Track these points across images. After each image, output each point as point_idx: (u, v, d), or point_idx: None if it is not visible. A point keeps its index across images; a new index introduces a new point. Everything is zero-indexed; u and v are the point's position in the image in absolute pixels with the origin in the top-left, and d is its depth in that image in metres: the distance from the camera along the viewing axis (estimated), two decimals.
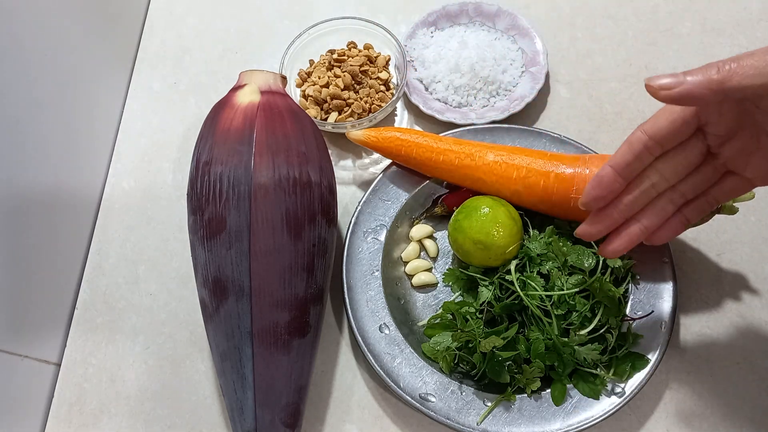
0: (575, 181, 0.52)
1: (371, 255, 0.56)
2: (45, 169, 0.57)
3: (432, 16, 0.68)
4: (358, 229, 0.57)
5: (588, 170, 0.52)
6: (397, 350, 0.53)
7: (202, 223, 0.49)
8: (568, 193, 0.52)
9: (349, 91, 0.63)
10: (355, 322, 0.53)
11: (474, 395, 0.51)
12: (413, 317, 0.56)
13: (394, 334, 0.53)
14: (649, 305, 0.52)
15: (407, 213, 0.59)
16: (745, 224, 0.58)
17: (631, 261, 0.53)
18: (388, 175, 0.59)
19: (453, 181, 0.57)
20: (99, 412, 0.56)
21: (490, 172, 0.55)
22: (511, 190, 0.54)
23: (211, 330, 0.50)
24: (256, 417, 0.48)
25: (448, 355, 0.51)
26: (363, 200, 0.58)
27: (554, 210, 0.54)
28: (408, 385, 0.51)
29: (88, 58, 0.64)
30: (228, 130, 0.50)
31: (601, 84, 0.66)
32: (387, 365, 0.52)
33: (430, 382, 0.51)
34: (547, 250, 0.52)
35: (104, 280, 0.61)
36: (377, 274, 0.56)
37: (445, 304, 0.54)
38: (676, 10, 0.69)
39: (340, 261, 0.56)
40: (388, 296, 0.55)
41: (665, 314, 0.52)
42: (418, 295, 0.58)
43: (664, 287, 0.53)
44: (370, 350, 0.52)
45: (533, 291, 0.50)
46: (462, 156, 0.56)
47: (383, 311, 0.54)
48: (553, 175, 0.53)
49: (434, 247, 0.59)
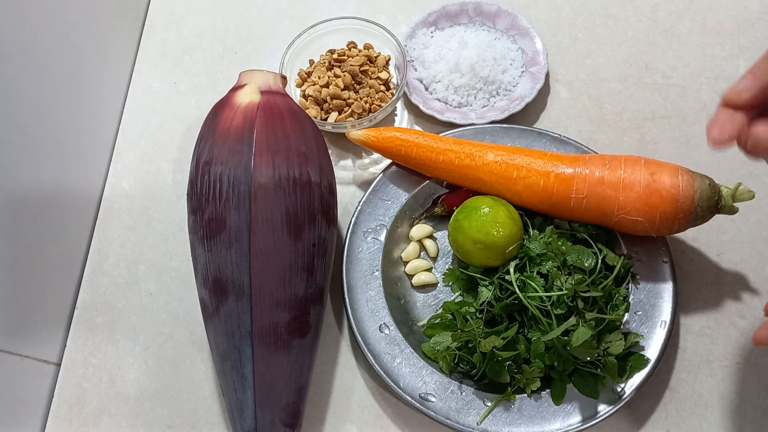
0: (575, 181, 0.52)
1: (371, 255, 0.56)
2: (45, 169, 0.57)
3: (432, 16, 0.68)
4: (358, 229, 0.57)
5: (588, 170, 0.52)
6: (397, 350, 0.53)
7: (202, 223, 0.49)
8: (568, 193, 0.52)
9: (349, 91, 0.63)
10: (355, 322, 0.53)
11: (474, 395, 0.51)
12: (413, 317, 0.56)
13: (394, 333, 0.53)
14: (649, 305, 0.52)
15: (407, 213, 0.59)
16: (745, 224, 0.58)
17: (631, 261, 0.53)
18: (388, 175, 0.59)
19: (453, 181, 0.57)
20: (99, 412, 0.56)
21: (490, 172, 0.55)
22: (512, 191, 0.54)
23: (211, 330, 0.50)
24: (256, 417, 0.48)
25: (448, 355, 0.51)
26: (363, 200, 0.58)
27: (554, 210, 0.54)
28: (408, 385, 0.51)
29: (88, 58, 0.64)
30: (228, 130, 0.50)
31: (601, 84, 0.66)
32: (387, 365, 0.52)
33: (430, 382, 0.51)
34: (546, 250, 0.52)
35: (104, 280, 0.61)
36: (377, 274, 0.56)
37: (445, 304, 0.54)
38: (676, 10, 0.69)
39: (340, 261, 0.56)
40: (388, 296, 0.55)
41: (665, 314, 0.52)
42: (418, 295, 0.58)
43: (664, 287, 0.53)
44: (370, 350, 0.52)
45: (533, 292, 0.50)
46: (462, 156, 0.55)
47: (383, 311, 0.54)
48: (553, 175, 0.53)
49: (434, 247, 0.59)
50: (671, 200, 0.49)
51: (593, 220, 0.53)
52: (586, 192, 0.51)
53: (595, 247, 0.52)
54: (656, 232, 0.51)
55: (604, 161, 0.52)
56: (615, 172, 0.51)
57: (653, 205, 0.50)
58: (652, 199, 0.50)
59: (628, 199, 0.50)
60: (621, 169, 0.51)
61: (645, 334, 0.51)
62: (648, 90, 0.65)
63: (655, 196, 0.50)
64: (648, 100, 0.64)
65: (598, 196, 0.51)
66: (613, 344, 0.49)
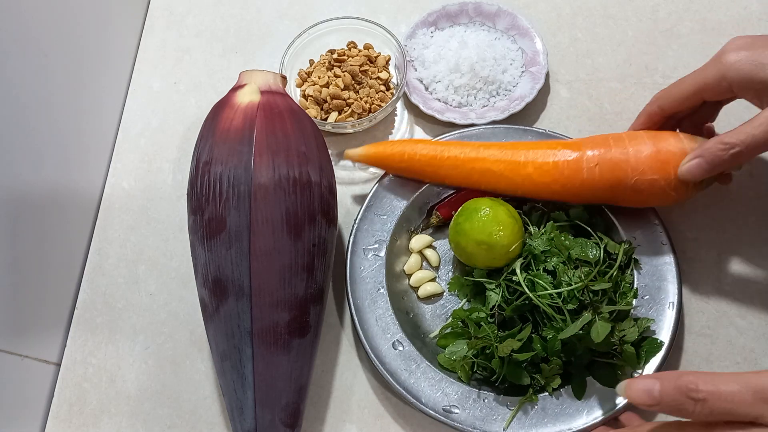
0: (584, 151, 0.52)
1: (374, 272, 0.55)
2: (45, 169, 0.57)
3: (432, 16, 0.68)
4: (358, 248, 0.56)
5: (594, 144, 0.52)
6: (413, 365, 0.52)
7: (202, 223, 0.49)
8: (579, 165, 0.52)
9: (349, 91, 0.63)
10: (367, 341, 0.53)
11: (495, 401, 0.50)
12: (424, 330, 0.56)
13: (409, 349, 0.52)
14: (654, 288, 0.53)
15: (404, 225, 0.58)
16: (745, 224, 0.58)
17: (632, 247, 0.53)
18: (380, 190, 0.58)
19: (459, 178, 0.56)
20: (99, 412, 0.56)
21: (497, 161, 0.54)
22: (522, 175, 0.54)
23: (211, 330, 0.50)
24: (256, 417, 0.48)
25: (466, 364, 0.51)
26: (358, 218, 0.57)
27: (567, 187, 0.53)
28: (430, 399, 0.50)
29: (88, 58, 0.64)
30: (228, 130, 0.50)
31: (601, 84, 0.66)
32: (406, 382, 0.51)
33: (451, 394, 0.51)
34: (550, 246, 0.52)
35: (104, 280, 0.61)
36: (383, 291, 0.55)
37: (455, 312, 0.54)
38: (676, 10, 0.69)
39: (344, 282, 0.55)
40: (397, 311, 0.54)
41: (672, 295, 0.52)
42: (426, 306, 0.57)
43: (667, 268, 0.53)
44: (386, 369, 0.51)
45: (542, 290, 0.49)
46: (467, 150, 0.55)
47: (394, 327, 0.53)
48: (562, 151, 0.53)
49: (435, 256, 0.58)
50: (681, 154, 0.50)
51: (608, 190, 0.52)
52: (597, 160, 0.51)
53: (596, 236, 0.52)
54: (673, 194, 0.51)
55: (607, 138, 0.53)
56: (620, 141, 0.52)
57: (665, 161, 0.50)
58: (662, 155, 0.50)
59: (640, 159, 0.50)
60: (626, 139, 0.52)
61: (655, 318, 0.51)
62: (648, 90, 0.65)
63: (665, 153, 0.50)
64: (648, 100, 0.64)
65: (610, 162, 0.51)
66: (628, 332, 0.49)
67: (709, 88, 0.49)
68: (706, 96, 0.50)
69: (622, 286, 0.52)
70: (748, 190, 0.59)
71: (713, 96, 0.50)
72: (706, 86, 0.49)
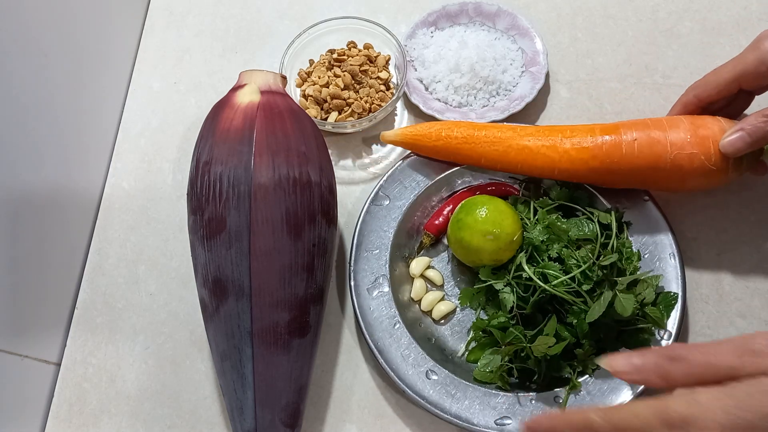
0: (621, 129, 0.52)
1: (385, 309, 0.54)
2: (45, 169, 0.57)
3: (432, 15, 0.68)
4: (361, 290, 0.55)
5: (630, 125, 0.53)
6: (453, 390, 0.51)
7: (202, 223, 0.49)
8: (618, 141, 0.52)
9: (349, 90, 0.63)
10: (401, 381, 0.51)
11: (539, 400, 0.50)
12: (449, 351, 0.55)
13: (443, 375, 0.51)
14: (652, 243, 0.53)
15: (398, 253, 0.57)
16: (745, 224, 0.58)
17: (621, 211, 0.54)
18: (364, 226, 0.57)
19: (496, 155, 0.55)
20: (99, 412, 0.56)
21: (534, 137, 0.55)
22: (559, 151, 0.54)
23: (211, 330, 0.50)
24: (256, 417, 0.48)
25: (504, 372, 0.51)
26: (352, 259, 0.56)
27: (606, 164, 0.52)
28: (480, 418, 0.50)
29: (88, 58, 0.64)
30: (228, 129, 0.50)
31: (601, 84, 0.66)
32: (451, 409, 0.50)
33: (498, 406, 0.50)
34: (548, 234, 0.52)
35: (104, 280, 0.61)
36: (399, 326, 0.54)
37: (474, 324, 0.54)
38: (676, 10, 0.69)
39: (359, 328, 0.55)
40: (419, 341, 0.53)
41: (669, 246, 0.53)
42: (444, 327, 0.56)
43: (657, 221, 0.54)
44: (429, 401, 0.50)
45: (555, 279, 0.50)
46: (504, 129, 0.56)
47: (422, 358, 0.52)
48: (599, 127, 0.54)
49: (437, 275, 0.58)
50: (720, 131, 0.50)
51: (648, 167, 0.52)
52: (636, 135, 0.52)
53: (584, 211, 0.53)
54: (714, 170, 0.50)
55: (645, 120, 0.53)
56: (659, 122, 0.52)
57: (705, 136, 0.50)
58: (701, 131, 0.51)
59: (679, 135, 0.51)
60: (664, 121, 0.52)
61: (663, 274, 0.52)
62: (648, 90, 0.65)
63: (704, 129, 0.51)
64: (648, 100, 0.64)
65: (649, 137, 0.52)
66: (645, 294, 0.50)
67: (748, 73, 0.50)
68: (744, 83, 0.51)
69: (625, 253, 0.52)
70: (748, 190, 0.59)
71: (751, 82, 0.51)
72: (745, 72, 0.50)
